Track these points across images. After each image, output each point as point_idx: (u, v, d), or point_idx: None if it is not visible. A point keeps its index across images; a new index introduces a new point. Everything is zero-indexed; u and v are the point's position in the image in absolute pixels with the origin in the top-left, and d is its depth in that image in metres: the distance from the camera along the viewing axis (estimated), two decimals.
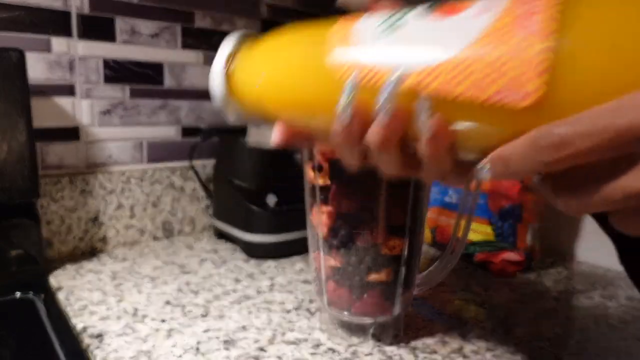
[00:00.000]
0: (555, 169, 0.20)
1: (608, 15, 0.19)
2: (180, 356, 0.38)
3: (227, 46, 0.32)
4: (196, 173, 0.72)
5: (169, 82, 0.70)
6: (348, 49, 0.26)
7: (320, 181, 0.38)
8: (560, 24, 0.19)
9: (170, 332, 0.42)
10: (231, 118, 0.33)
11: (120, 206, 0.66)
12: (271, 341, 0.41)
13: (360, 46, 0.25)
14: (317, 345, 0.40)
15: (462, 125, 0.23)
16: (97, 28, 0.63)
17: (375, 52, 0.25)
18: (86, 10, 0.62)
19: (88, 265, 0.59)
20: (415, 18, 0.24)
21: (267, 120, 0.31)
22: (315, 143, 0.31)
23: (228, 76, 0.31)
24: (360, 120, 0.25)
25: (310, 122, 0.29)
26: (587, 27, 0.19)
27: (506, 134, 0.21)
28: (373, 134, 0.25)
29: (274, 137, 0.30)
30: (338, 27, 0.27)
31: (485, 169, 0.22)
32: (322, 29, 0.28)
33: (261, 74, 0.30)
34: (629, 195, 0.18)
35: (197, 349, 0.39)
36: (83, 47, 0.62)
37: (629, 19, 0.18)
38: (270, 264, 0.60)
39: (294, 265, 0.60)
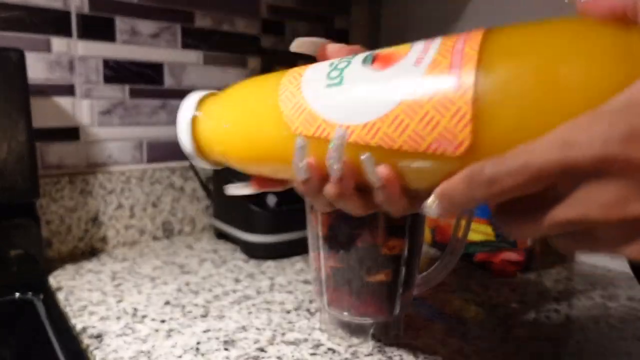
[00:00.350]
0: (493, 202, 0.22)
1: (518, 68, 0.20)
2: (180, 356, 0.38)
3: (192, 99, 0.33)
4: (196, 173, 0.72)
5: (169, 82, 0.70)
6: (295, 105, 0.27)
7: None
8: (477, 77, 0.21)
9: (170, 333, 0.42)
10: (203, 167, 0.34)
11: (120, 206, 0.66)
12: (271, 341, 0.41)
13: (306, 101, 0.26)
14: (317, 346, 0.40)
15: (407, 171, 0.24)
16: (97, 28, 0.63)
17: (320, 108, 0.26)
18: (86, 10, 0.62)
19: (88, 265, 0.59)
20: (355, 71, 0.25)
21: (235, 170, 0.32)
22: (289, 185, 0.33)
23: (194, 128, 0.32)
24: (317, 175, 0.26)
25: (274, 172, 0.30)
26: (503, 79, 0.20)
27: (448, 174, 0.22)
28: (328, 189, 0.26)
29: (250, 187, 0.32)
30: (285, 84, 0.28)
31: (433, 206, 0.23)
32: (271, 84, 0.29)
33: (222, 127, 0.31)
34: (556, 224, 0.20)
35: (197, 349, 0.39)
36: (83, 47, 0.62)
37: (535, 71, 0.20)
38: (270, 264, 0.60)
39: (294, 266, 0.60)
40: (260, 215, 0.62)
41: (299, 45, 0.33)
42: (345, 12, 0.89)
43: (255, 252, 0.63)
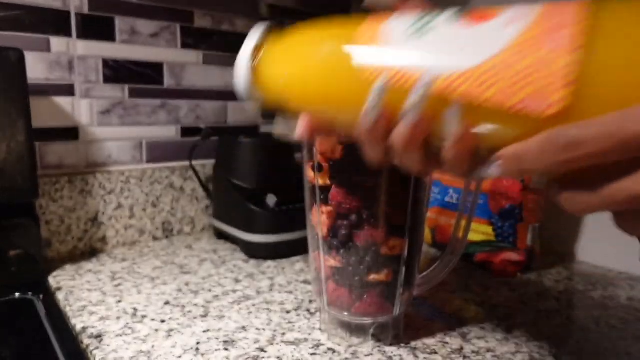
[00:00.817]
0: (564, 169, 0.21)
1: (631, 33, 0.20)
2: (179, 356, 0.38)
3: (253, 38, 0.32)
4: (196, 173, 0.72)
5: (168, 81, 0.70)
6: (377, 50, 0.26)
7: (320, 181, 0.38)
8: (587, 39, 0.20)
9: (169, 333, 0.42)
10: (253, 110, 0.33)
11: (119, 206, 0.66)
12: (271, 341, 0.41)
13: (389, 48, 0.26)
14: (317, 346, 0.40)
15: (485, 129, 0.23)
16: (96, 28, 0.63)
17: (405, 55, 0.25)
18: (85, 10, 0.62)
19: (87, 265, 0.59)
20: (444, 23, 0.25)
21: (289, 113, 0.31)
22: (337, 136, 0.32)
23: (253, 69, 0.32)
24: (386, 121, 0.26)
25: (334, 119, 0.29)
26: (612, 43, 0.20)
27: (526, 138, 0.22)
28: (399, 135, 0.26)
29: (298, 130, 0.31)
30: (366, 27, 0.27)
31: (495, 166, 0.23)
32: (349, 27, 0.28)
33: (286, 70, 0.30)
34: (631, 196, 0.19)
35: (197, 349, 0.39)
36: (82, 47, 0.62)
37: None
38: (270, 264, 0.60)
39: (294, 266, 0.60)
40: (260, 215, 0.62)
41: (371, 1, 0.31)
42: (345, 12, 0.89)
43: (255, 252, 0.63)
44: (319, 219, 0.39)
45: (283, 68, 0.30)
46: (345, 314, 0.40)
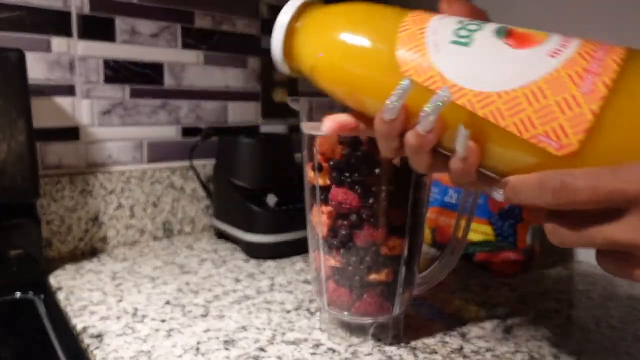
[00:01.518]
0: (554, 208, 0.23)
1: None
2: (180, 356, 0.38)
3: (291, 8, 0.32)
4: (196, 173, 0.72)
5: (168, 82, 0.70)
6: (414, 48, 0.27)
7: (320, 181, 0.38)
8: (610, 92, 0.21)
9: (170, 332, 0.42)
10: (284, 71, 0.33)
11: (120, 206, 0.66)
12: (271, 341, 0.41)
13: (426, 49, 0.26)
14: (317, 345, 0.40)
15: (494, 151, 0.25)
16: (97, 28, 0.63)
17: (438, 60, 0.26)
18: (86, 10, 0.62)
19: (88, 265, 0.59)
20: (486, 38, 0.25)
21: (316, 87, 0.32)
22: (360, 133, 0.32)
23: (289, 33, 0.32)
24: (406, 117, 0.27)
25: (357, 102, 0.30)
26: (632, 102, 0.21)
27: (529, 168, 0.23)
28: (412, 137, 0.26)
29: (324, 127, 0.31)
30: (408, 24, 0.28)
31: (499, 193, 0.25)
32: (392, 18, 0.29)
33: (322, 45, 0.30)
34: (607, 241, 0.21)
35: (197, 349, 0.39)
36: (83, 47, 0.62)
37: None
38: (270, 264, 0.60)
39: (294, 265, 0.60)
40: (260, 215, 0.62)
41: None
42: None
43: (255, 252, 0.63)
44: (319, 219, 0.39)
45: (320, 41, 0.30)
46: (345, 313, 0.40)
